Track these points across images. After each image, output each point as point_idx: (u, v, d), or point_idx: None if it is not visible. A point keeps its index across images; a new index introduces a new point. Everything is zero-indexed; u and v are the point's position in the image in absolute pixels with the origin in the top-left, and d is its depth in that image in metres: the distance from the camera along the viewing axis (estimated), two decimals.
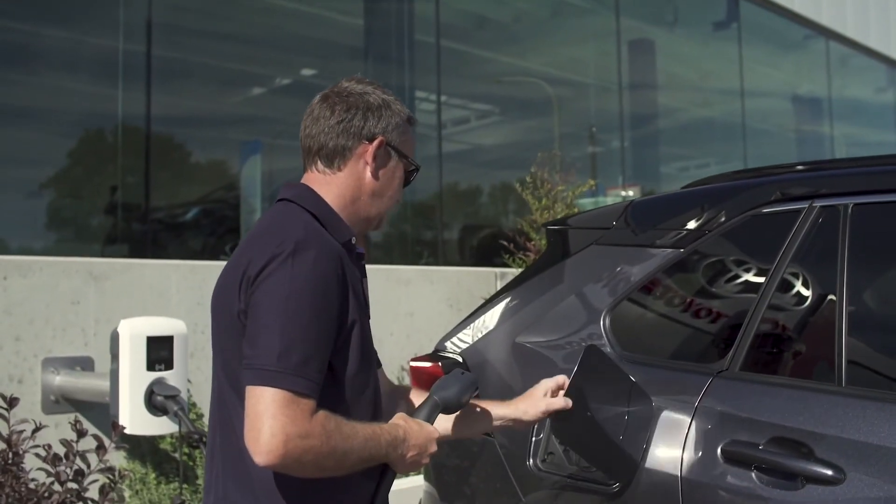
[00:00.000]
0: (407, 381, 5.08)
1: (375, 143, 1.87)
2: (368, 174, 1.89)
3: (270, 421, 1.58)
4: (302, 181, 1.91)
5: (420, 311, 5.54)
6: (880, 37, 14.23)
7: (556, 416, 2.09)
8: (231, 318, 1.72)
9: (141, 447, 4.19)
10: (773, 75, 13.59)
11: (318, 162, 1.88)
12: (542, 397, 2.06)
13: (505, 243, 5.94)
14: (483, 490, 2.66)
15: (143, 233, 6.30)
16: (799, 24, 12.73)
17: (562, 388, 2.08)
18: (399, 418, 1.86)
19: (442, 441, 1.95)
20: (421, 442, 1.84)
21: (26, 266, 4.22)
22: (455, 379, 2.00)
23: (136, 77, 6.35)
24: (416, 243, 8.61)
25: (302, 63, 8.39)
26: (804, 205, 2.26)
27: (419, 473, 4.20)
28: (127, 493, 3.87)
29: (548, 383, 2.08)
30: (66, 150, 6.43)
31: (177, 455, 4.06)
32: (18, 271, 4.18)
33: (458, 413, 2.06)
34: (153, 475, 3.94)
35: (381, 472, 1.84)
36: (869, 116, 15.79)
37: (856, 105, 15.41)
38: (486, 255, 8.19)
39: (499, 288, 3.88)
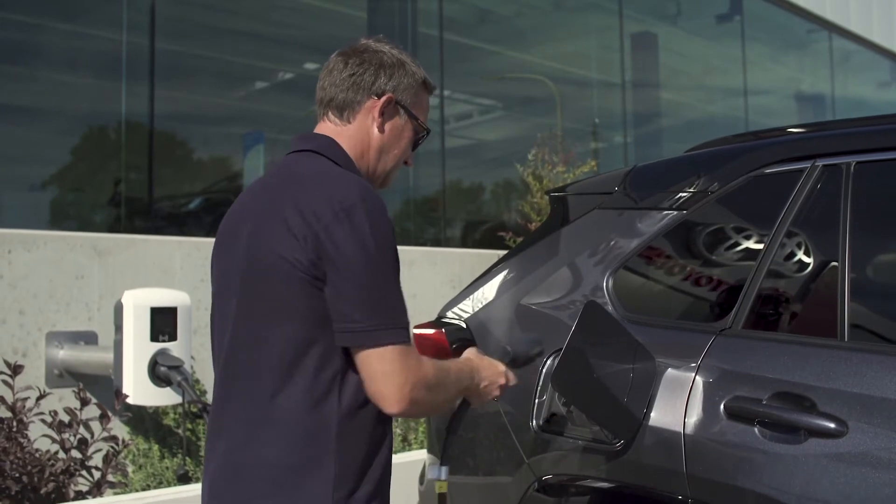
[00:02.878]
0: None
1: (384, 98, 1.91)
2: (375, 129, 1.92)
3: (397, 377, 1.69)
4: (316, 130, 1.94)
5: (423, 292, 5.53)
6: (884, 31, 14.22)
7: (557, 374, 2.11)
8: (275, 262, 1.72)
9: (144, 422, 4.20)
10: (777, 70, 13.58)
11: (330, 113, 1.93)
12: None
13: (504, 234, 5.93)
14: (487, 458, 2.66)
15: (146, 229, 6.31)
16: (802, 17, 12.72)
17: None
18: (470, 352, 2.01)
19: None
20: (491, 374, 1.97)
21: (31, 240, 4.23)
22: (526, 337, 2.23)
23: (139, 72, 6.37)
24: (418, 238, 8.60)
25: (305, 57, 8.40)
26: (807, 164, 2.27)
27: (422, 447, 4.22)
28: (130, 469, 3.88)
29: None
30: (71, 145, 6.45)
31: (180, 431, 4.06)
32: (23, 245, 4.19)
33: None
34: (156, 447, 3.94)
35: (459, 404, 2.02)
36: (871, 112, 15.78)
37: (859, 101, 15.40)
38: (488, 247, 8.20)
39: None
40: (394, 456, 3.69)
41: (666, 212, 2.48)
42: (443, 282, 5.79)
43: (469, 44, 9.92)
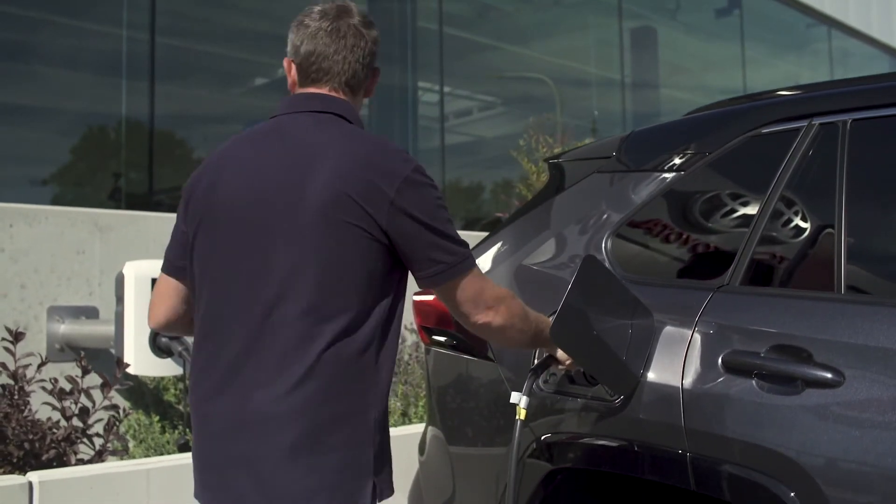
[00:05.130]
0: (411, 340, 5.11)
1: (377, 76, 2.08)
2: (361, 103, 2.07)
3: (481, 296, 1.96)
4: (323, 93, 1.99)
5: None
6: (883, 27, 14.24)
7: (555, 328, 2.12)
8: (338, 223, 1.81)
9: (145, 397, 4.21)
10: (776, 66, 13.60)
11: (345, 86, 2.00)
12: None
13: (502, 216, 5.93)
14: (486, 427, 2.67)
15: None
16: (801, 12, 12.74)
17: None
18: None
19: None
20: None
21: (32, 215, 4.25)
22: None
23: (139, 69, 6.38)
24: None
25: None
26: (803, 123, 2.29)
27: (421, 421, 4.23)
28: (131, 444, 3.89)
29: None
30: (72, 142, 6.46)
31: (181, 406, 4.08)
32: (24, 220, 4.21)
33: None
34: (156, 419, 3.96)
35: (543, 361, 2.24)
36: None
37: None
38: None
39: None
40: (395, 429, 3.71)
41: (664, 173, 2.50)
42: None
43: (469, 38, 9.93)
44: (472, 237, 2.87)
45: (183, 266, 2.01)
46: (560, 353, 2.19)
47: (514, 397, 2.20)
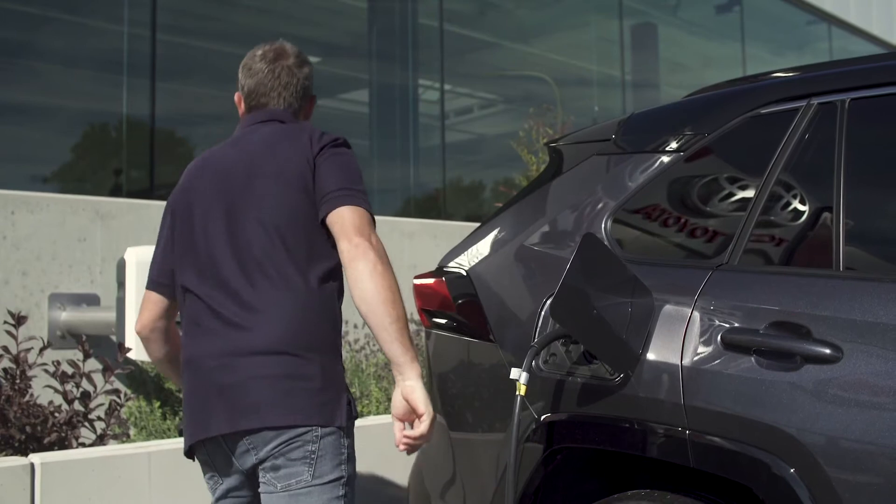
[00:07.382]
0: (412, 328, 5.09)
1: (314, 102, 2.56)
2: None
3: (367, 228, 2.18)
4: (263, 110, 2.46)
5: (423, 263, 5.54)
6: (883, 24, 14.25)
7: (555, 305, 2.12)
8: (291, 173, 2.25)
9: (146, 385, 4.22)
10: (777, 63, 13.62)
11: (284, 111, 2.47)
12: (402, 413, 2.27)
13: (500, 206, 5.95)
14: (488, 412, 2.68)
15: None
16: (801, 9, 12.76)
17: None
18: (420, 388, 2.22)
19: None
20: (415, 399, 2.20)
21: (34, 202, 4.26)
22: None
23: (140, 67, 6.39)
24: None
25: (305, 49, 8.40)
26: (802, 103, 2.30)
27: None
28: (132, 431, 3.90)
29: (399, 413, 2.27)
30: (73, 140, 6.48)
31: (181, 393, 4.08)
32: (26, 207, 4.22)
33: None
34: (157, 405, 3.97)
35: (544, 339, 2.28)
36: None
37: None
38: None
39: None
40: (386, 416, 3.71)
41: (663, 155, 2.51)
42: (442, 253, 5.75)
43: (469, 36, 9.93)
44: (470, 227, 2.89)
45: (162, 283, 2.39)
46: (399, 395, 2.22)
47: (514, 373, 2.21)
